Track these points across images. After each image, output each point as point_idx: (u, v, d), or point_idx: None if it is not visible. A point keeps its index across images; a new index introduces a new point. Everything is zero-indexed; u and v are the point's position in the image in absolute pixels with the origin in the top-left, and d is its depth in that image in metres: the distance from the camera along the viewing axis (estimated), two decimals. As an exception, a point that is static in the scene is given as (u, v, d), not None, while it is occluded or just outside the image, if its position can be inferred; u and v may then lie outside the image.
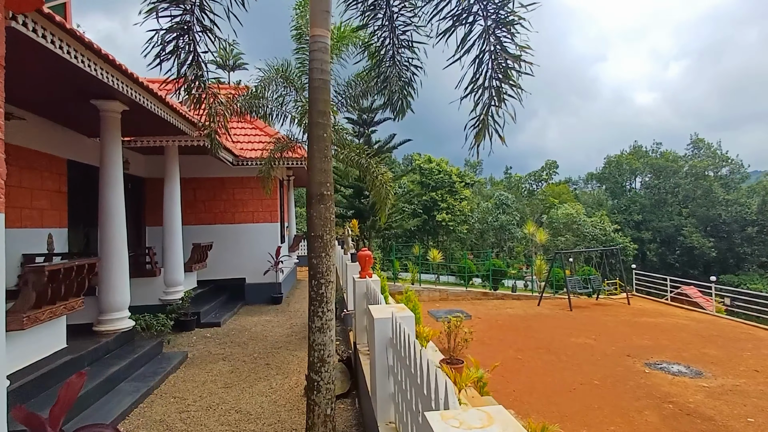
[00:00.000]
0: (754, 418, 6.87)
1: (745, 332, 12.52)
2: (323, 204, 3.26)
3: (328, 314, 3.24)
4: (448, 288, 18.19)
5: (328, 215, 3.28)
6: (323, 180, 3.29)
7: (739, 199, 43.71)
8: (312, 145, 3.36)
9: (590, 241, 32.62)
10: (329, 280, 3.25)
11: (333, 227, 3.34)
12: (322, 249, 3.24)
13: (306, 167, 3.51)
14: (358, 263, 5.66)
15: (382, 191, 7.91)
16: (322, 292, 3.21)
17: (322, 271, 3.23)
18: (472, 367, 7.13)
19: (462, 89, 3.40)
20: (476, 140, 3.34)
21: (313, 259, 3.29)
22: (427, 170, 29.77)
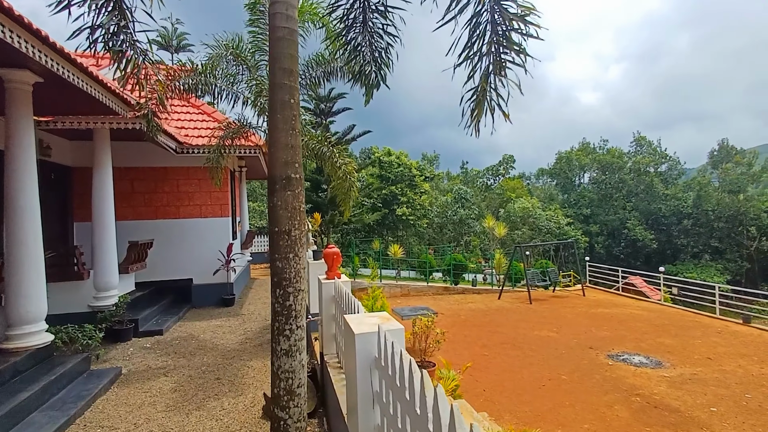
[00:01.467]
0: (716, 407, 6.94)
1: (692, 320, 13.05)
2: (290, 190, 2.61)
3: (297, 332, 2.59)
4: (409, 283, 17.82)
5: (297, 205, 2.64)
6: (290, 159, 2.64)
7: (676, 194, 46.96)
8: (275, 113, 2.69)
9: (545, 234, 33.62)
10: (299, 288, 2.61)
11: (303, 220, 2.71)
12: (289, 248, 2.60)
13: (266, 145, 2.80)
14: (323, 261, 5.01)
15: (345, 183, 7.26)
16: (290, 303, 2.56)
17: (289, 276, 2.58)
18: (443, 368, 6.74)
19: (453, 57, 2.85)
20: (474, 115, 2.81)
21: (277, 261, 2.66)
22: (386, 163, 29.25)
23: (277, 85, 2.68)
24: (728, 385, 7.86)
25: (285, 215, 2.66)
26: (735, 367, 8.79)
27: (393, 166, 29.03)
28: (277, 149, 2.66)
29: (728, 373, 8.41)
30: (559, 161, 58.17)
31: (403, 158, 29.77)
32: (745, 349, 10.01)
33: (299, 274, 2.66)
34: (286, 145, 2.66)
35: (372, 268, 17.99)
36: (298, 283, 2.65)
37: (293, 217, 2.68)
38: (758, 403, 7.10)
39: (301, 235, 2.69)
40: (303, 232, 2.69)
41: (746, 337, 11.20)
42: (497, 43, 2.66)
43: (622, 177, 49.52)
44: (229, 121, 7.73)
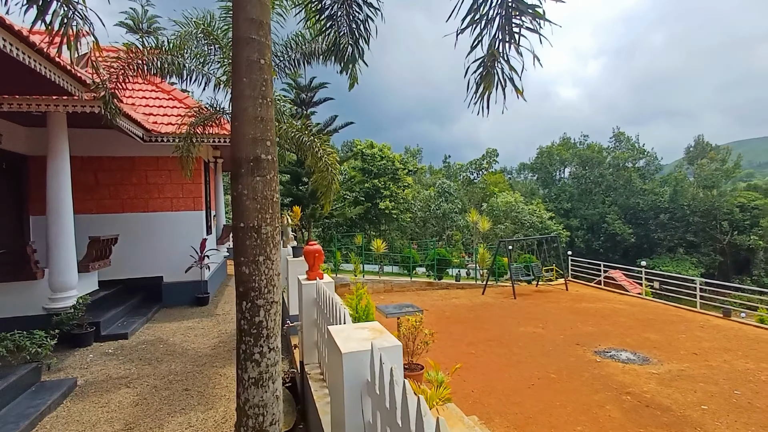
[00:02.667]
0: (707, 405, 6.81)
1: (674, 314, 13.09)
2: (260, 175, 2.15)
3: (270, 356, 2.12)
4: (392, 279, 17.48)
5: (269, 194, 2.18)
6: (260, 135, 2.16)
7: (654, 189, 48.07)
8: (239, 77, 2.20)
9: (528, 228, 33.78)
10: (272, 300, 2.14)
11: (277, 214, 2.24)
12: (258, 249, 2.14)
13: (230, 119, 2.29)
14: (303, 259, 4.55)
15: (327, 175, 6.78)
16: (259, 320, 2.09)
17: (258, 286, 2.12)
18: (431, 371, 6.38)
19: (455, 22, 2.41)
20: (481, 91, 2.39)
21: (243, 266, 2.20)
22: (369, 156, 28.66)
23: (243, 40, 2.16)
24: (716, 381, 7.76)
25: (253, 207, 2.17)
26: (721, 362, 8.73)
27: (376, 159, 28.45)
28: (242, 123, 2.17)
29: (715, 369, 8.33)
30: (541, 156, 58.74)
31: (386, 151, 29.22)
32: (729, 344, 10.00)
33: (272, 282, 2.19)
34: (254, 118, 2.17)
35: (354, 263, 17.57)
36: (270, 294, 2.18)
37: (264, 209, 2.18)
38: (747, 399, 6.99)
39: (274, 232, 2.22)
40: (277, 228, 2.24)
41: (728, 331, 11.24)
42: (508, 5, 2.24)
43: (602, 172, 50.41)
44: (200, 107, 7.12)
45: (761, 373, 8.14)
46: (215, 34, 6.23)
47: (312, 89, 20.27)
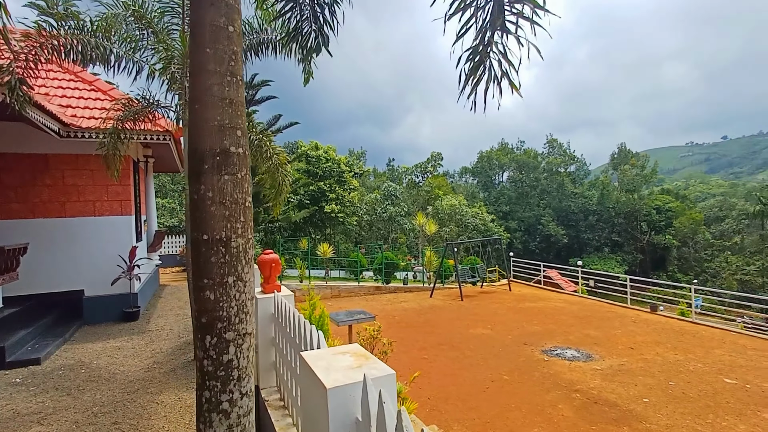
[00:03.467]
0: (648, 398, 7.16)
1: (608, 311, 13.90)
2: (229, 173, 1.76)
3: (242, 404, 1.68)
4: (339, 284, 17.05)
5: (241, 197, 1.79)
6: (229, 121, 1.78)
7: (583, 192, 51.88)
8: (201, 46, 1.78)
9: (471, 230, 34.78)
10: (244, 331, 1.72)
11: (250, 222, 1.82)
12: (227, 268, 1.74)
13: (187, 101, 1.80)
14: (257, 268, 4.08)
15: (277, 176, 6.30)
16: (229, 359, 1.65)
17: (227, 315, 1.70)
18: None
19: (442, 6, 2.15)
20: (473, 85, 2.14)
21: (206, 290, 1.77)
22: (314, 158, 27.86)
23: (206, 0, 1.74)
24: (653, 373, 8.22)
25: (220, 214, 1.74)
26: (654, 355, 9.30)
27: (321, 161, 27.73)
28: (205, 106, 1.75)
29: (650, 362, 8.84)
30: (481, 160, 61.09)
31: (331, 153, 28.60)
32: (658, 337, 10.72)
33: (244, 308, 1.78)
34: (221, 100, 1.75)
35: (300, 268, 16.91)
36: (242, 324, 1.76)
37: (234, 216, 1.77)
38: (681, 390, 7.45)
39: (247, 245, 1.83)
40: (250, 240, 1.85)
41: (656, 324, 12.09)
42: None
43: (537, 176, 53.53)
44: (130, 99, 6.31)
45: (689, 363, 8.75)
46: (148, 17, 5.54)
47: (254, 87, 19.34)
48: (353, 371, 1.76)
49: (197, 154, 1.79)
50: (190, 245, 4.89)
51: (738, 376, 8.06)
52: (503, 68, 2.16)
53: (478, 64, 2.13)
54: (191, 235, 1.74)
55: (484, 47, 2.10)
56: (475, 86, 2.19)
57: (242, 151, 1.88)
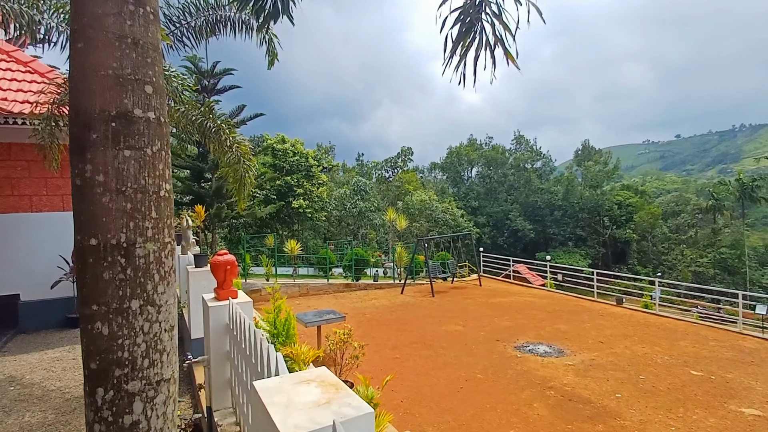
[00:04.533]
0: (620, 393, 7.16)
1: (576, 304, 14.07)
2: (130, 146, 1.26)
3: None
4: (308, 282, 16.52)
5: (152, 183, 1.31)
6: (132, 73, 1.26)
7: (549, 188, 53.18)
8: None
9: (442, 226, 34.83)
10: (158, 378, 1.22)
11: (168, 219, 1.34)
12: (129, 288, 1.24)
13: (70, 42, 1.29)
14: (209, 271, 3.61)
15: (239, 168, 5.78)
16: (134, 421, 1.13)
17: (131, 356, 1.15)
18: (361, 386, 5.78)
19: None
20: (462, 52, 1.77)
21: (97, 321, 1.24)
22: (280, 152, 26.87)
23: None
24: (623, 367, 8.25)
25: (118, 207, 1.25)
26: (623, 348, 9.38)
27: (288, 154, 26.77)
28: (93, 45, 1.22)
29: (620, 356, 8.90)
30: (450, 156, 61.51)
31: (298, 147, 27.68)
32: (626, 330, 10.87)
33: (158, 344, 1.28)
34: (119, 38, 1.22)
35: (266, 266, 16.25)
36: (156, 368, 1.27)
37: (140, 211, 1.26)
38: (651, 384, 7.48)
39: (162, 252, 1.34)
40: (167, 245, 1.37)
41: (623, 317, 12.29)
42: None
43: (505, 172, 54.48)
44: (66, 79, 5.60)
45: (656, 356, 8.86)
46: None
47: (215, 75, 18.36)
48: (320, 410, 1.37)
49: (81, 118, 1.26)
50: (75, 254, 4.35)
51: (703, 368, 8.19)
52: (497, 33, 1.80)
53: (469, 26, 1.77)
54: (75, 239, 1.26)
55: (476, 6, 1.73)
56: (464, 54, 1.83)
57: (155, 116, 1.34)
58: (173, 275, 1.40)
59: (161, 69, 1.35)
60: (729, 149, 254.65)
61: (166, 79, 5.06)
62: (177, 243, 7.64)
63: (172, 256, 1.36)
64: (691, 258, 47.68)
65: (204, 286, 4.19)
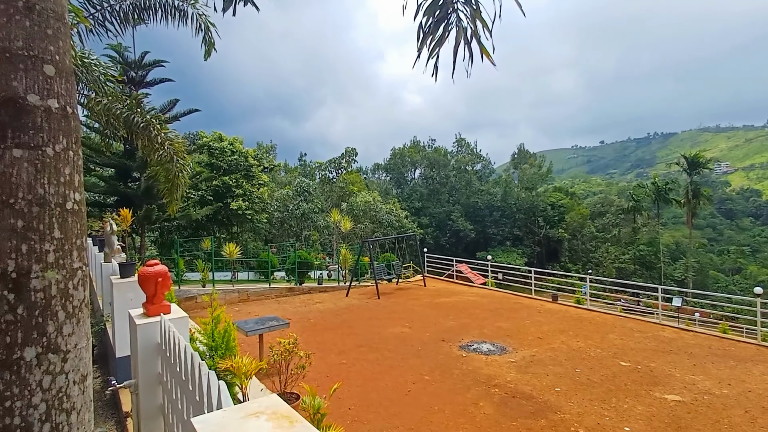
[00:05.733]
0: (559, 387, 7.47)
1: (517, 302, 14.66)
2: (22, 144, 0.90)
3: None
4: (248, 287, 15.82)
5: (53, 192, 0.92)
6: (24, 46, 0.90)
7: (489, 189, 55.62)
8: None
9: (386, 227, 34.98)
10: None
11: (80, 241, 1.04)
12: (22, 331, 0.85)
13: None
14: (137, 282, 3.21)
15: (172, 167, 5.30)
16: None
17: (23, 424, 0.87)
18: (307, 396, 5.55)
19: None
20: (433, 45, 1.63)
21: None
22: (217, 150, 25.47)
23: None
24: (560, 362, 8.65)
25: (3, 225, 0.93)
26: (560, 344, 9.85)
27: (226, 153, 25.43)
28: None
29: (557, 351, 9.33)
30: (394, 157, 62.27)
31: (237, 145, 26.40)
32: (561, 325, 11.45)
33: (67, 402, 0.98)
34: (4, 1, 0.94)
35: (202, 271, 15.35)
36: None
37: (37, 230, 0.96)
38: (587, 376, 7.90)
39: (70, 282, 1.01)
40: (78, 273, 1.05)
41: (558, 313, 12.96)
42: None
43: (447, 174, 56.20)
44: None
45: (590, 350, 9.39)
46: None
47: (144, 66, 17.03)
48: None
49: None
50: None
51: (630, 359, 8.80)
52: (473, 26, 1.70)
53: (441, 18, 1.66)
54: None
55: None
56: (435, 47, 1.72)
57: (59, 106, 1.04)
58: (86, 310, 1.09)
59: (69, 47, 1.07)
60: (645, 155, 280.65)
61: (85, 66, 4.49)
62: (99, 250, 6.89)
63: (84, 285, 1.05)
64: (615, 255, 52.10)
65: (131, 299, 3.76)
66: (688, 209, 46.07)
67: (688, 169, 45.79)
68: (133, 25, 5.07)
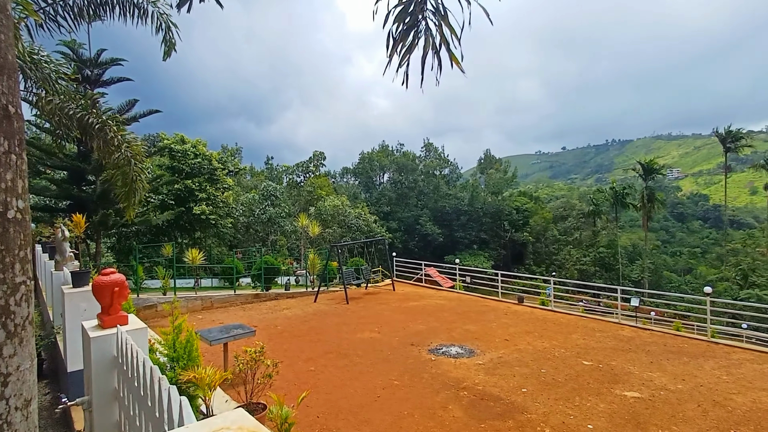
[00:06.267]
0: (525, 388, 7.62)
1: (484, 305, 14.90)
2: None
3: None
4: (212, 294, 15.33)
5: None
6: None
7: (456, 194, 56.57)
8: None
9: (355, 231, 34.82)
10: None
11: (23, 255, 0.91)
12: None
13: None
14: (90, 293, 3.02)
15: (130, 170, 5.06)
16: None
17: None
18: (275, 405, 5.42)
19: None
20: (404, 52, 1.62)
21: None
22: (179, 153, 24.53)
23: None
24: (526, 363, 8.84)
25: None
26: (526, 345, 10.07)
27: (188, 156, 24.51)
28: None
29: (523, 352, 9.54)
30: (363, 161, 62.35)
31: (200, 148, 25.51)
32: (527, 327, 11.73)
33: (7, 430, 0.85)
34: None
35: (163, 279, 14.75)
36: None
37: None
38: (552, 376, 8.10)
39: (14, 299, 0.86)
40: (22, 288, 0.90)
41: (524, 315, 13.27)
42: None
43: (415, 178, 56.86)
44: None
45: (554, 350, 9.66)
46: None
47: (100, 65, 16.26)
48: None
49: None
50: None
51: (592, 358, 9.10)
52: (441, 33, 1.70)
53: (410, 25, 1.65)
54: None
55: (418, 4, 1.61)
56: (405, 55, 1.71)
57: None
58: (29, 328, 0.98)
59: (11, 39, 0.97)
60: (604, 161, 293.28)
61: (34, 63, 4.21)
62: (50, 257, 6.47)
63: (28, 301, 0.93)
64: (576, 257, 54.19)
65: (84, 310, 3.54)
66: (644, 213, 48.69)
67: (644, 175, 48.43)
68: (88, 22, 4.82)
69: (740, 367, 8.73)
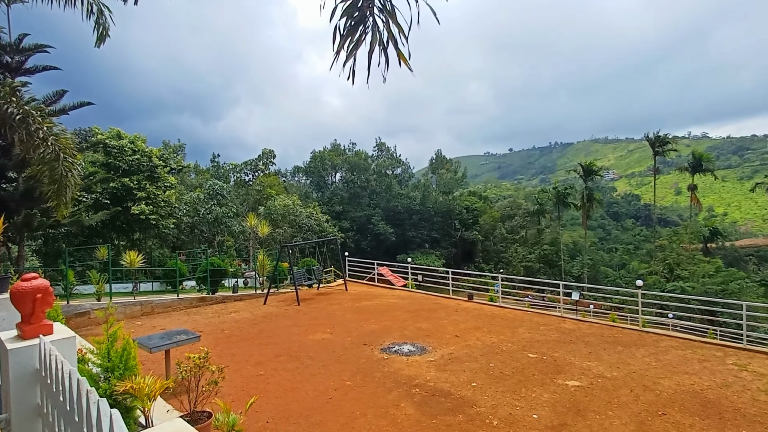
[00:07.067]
0: (475, 382, 7.83)
1: (434, 302, 15.17)
2: None
3: None
4: (153, 298, 14.46)
5: None
6: None
7: (408, 193, 57.30)
8: None
9: (306, 231, 34.20)
10: None
11: None
12: None
13: None
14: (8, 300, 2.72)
15: (58, 167, 4.63)
16: None
17: None
18: (221, 413, 5.21)
19: None
20: (350, 46, 1.56)
21: None
22: (115, 149, 22.78)
23: None
24: (476, 358, 9.09)
25: None
26: (475, 340, 10.36)
27: (126, 152, 22.80)
28: None
29: (473, 348, 9.80)
30: (314, 160, 61.54)
31: (139, 144, 23.84)
32: (477, 323, 12.07)
33: None
34: None
35: (97, 283, 13.71)
36: None
37: None
38: (500, 370, 8.38)
39: None
40: None
41: (473, 311, 13.64)
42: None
43: (368, 177, 56.92)
44: None
45: (502, 344, 10.00)
46: None
47: (23, 51, 14.78)
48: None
49: None
50: None
51: (537, 350, 9.52)
52: (389, 30, 1.67)
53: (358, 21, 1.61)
54: None
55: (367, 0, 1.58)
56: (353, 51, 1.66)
57: None
58: None
59: None
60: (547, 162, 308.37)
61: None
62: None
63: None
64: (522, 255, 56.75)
65: (3, 320, 3.19)
66: (584, 212, 51.89)
67: (584, 176, 51.58)
68: (7, 3, 4.34)
69: (667, 353, 9.48)
